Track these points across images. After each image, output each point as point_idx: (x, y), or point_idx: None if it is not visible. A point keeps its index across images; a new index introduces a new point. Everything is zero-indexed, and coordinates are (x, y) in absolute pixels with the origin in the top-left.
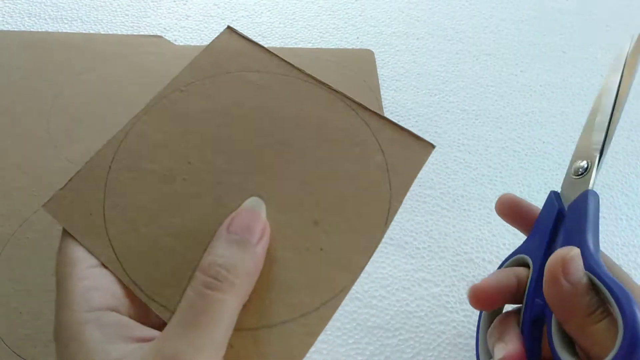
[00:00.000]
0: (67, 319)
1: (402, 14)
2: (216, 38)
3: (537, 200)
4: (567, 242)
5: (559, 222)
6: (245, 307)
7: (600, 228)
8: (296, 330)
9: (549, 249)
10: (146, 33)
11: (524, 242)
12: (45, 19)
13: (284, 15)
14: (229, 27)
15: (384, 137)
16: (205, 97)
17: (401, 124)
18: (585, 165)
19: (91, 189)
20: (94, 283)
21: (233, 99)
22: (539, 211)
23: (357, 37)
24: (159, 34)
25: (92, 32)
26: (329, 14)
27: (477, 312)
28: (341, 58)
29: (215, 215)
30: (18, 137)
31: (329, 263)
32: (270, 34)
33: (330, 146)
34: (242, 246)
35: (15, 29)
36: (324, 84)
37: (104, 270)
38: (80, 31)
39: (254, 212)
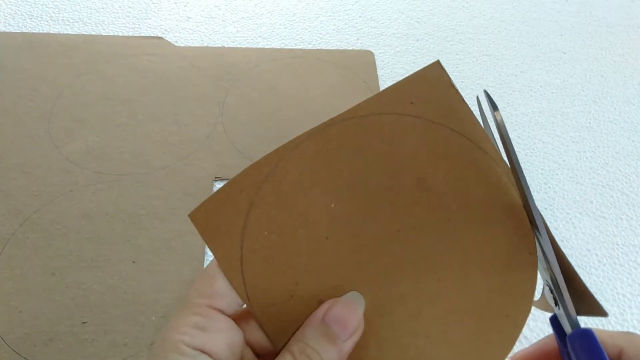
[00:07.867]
0: (170, 337)
1: (402, 15)
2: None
3: (536, 200)
4: None
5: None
6: None
7: (601, 228)
8: None
9: None
10: (147, 34)
11: None
12: (47, 21)
13: (284, 16)
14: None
15: None
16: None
17: None
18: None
19: (236, 201)
20: (207, 324)
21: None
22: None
23: (357, 38)
24: (159, 35)
25: (93, 33)
26: (329, 16)
27: None
28: (341, 59)
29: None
30: (19, 137)
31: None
32: (271, 35)
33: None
34: (332, 340)
35: (17, 31)
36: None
37: (225, 319)
38: (82, 33)
39: (353, 307)
